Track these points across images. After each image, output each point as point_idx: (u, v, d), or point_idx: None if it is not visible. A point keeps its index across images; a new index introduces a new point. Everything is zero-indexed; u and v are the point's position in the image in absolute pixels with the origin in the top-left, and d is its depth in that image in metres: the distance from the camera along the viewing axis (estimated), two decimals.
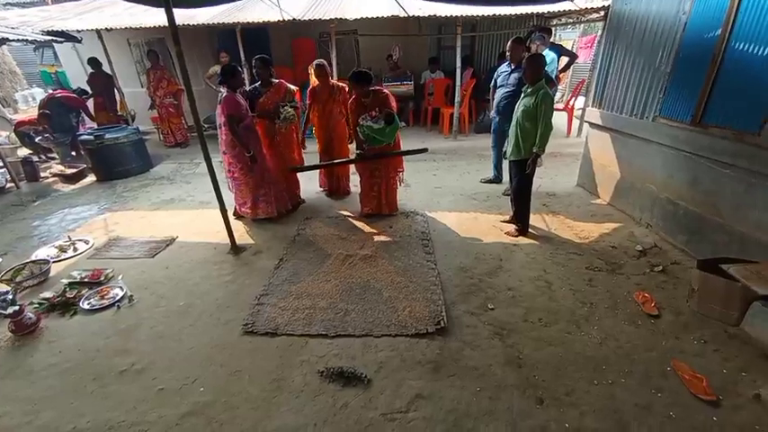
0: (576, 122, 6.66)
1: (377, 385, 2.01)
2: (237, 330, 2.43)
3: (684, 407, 1.86)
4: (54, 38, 6.01)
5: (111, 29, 6.00)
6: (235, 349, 2.28)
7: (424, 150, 3.90)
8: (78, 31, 6.19)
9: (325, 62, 4.00)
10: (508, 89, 4.02)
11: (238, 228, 3.72)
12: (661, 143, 3.28)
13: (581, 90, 6.77)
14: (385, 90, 3.64)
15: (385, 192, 3.88)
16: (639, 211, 3.65)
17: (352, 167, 4.22)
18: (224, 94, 3.40)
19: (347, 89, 4.08)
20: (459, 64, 6.12)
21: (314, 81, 4.06)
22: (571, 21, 7.81)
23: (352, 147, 4.04)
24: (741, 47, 2.55)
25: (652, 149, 3.40)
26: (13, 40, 5.32)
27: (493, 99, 4.37)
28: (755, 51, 2.45)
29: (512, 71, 4.01)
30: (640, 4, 3.51)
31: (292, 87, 3.92)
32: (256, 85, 3.83)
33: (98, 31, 6.15)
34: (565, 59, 5.93)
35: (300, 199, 4.36)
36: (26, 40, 5.47)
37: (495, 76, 4.32)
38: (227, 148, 3.56)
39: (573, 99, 6.84)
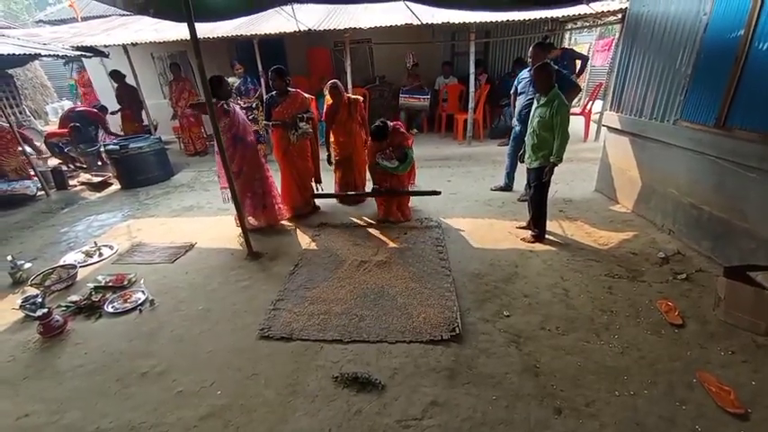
0: (593, 127, 6.55)
1: (391, 392, 2.01)
2: (254, 335, 2.47)
3: (711, 420, 1.79)
4: (83, 53, 6.31)
5: (137, 43, 6.27)
6: (251, 353, 2.32)
7: (437, 193, 3.96)
8: (106, 46, 6.48)
9: (339, 82, 4.10)
10: (529, 96, 3.90)
11: (254, 234, 3.78)
12: (683, 147, 3.19)
13: (598, 94, 6.66)
14: (402, 129, 3.86)
15: (397, 199, 3.92)
16: (661, 217, 3.54)
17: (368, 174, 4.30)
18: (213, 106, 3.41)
19: (362, 100, 4.19)
20: (472, 69, 6.12)
21: (329, 101, 4.14)
22: (587, 24, 7.72)
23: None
24: (766, 47, 2.47)
25: (673, 153, 3.32)
26: (46, 56, 5.61)
27: (514, 106, 4.32)
28: None
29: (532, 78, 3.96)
30: (658, 5, 3.46)
31: (308, 96, 4.00)
32: (273, 93, 3.91)
33: (124, 46, 6.43)
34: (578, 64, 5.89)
35: (315, 206, 4.41)
36: (57, 56, 5.76)
37: (515, 82, 4.27)
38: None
39: (590, 103, 6.74)
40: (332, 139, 4.30)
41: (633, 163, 3.87)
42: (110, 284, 3.08)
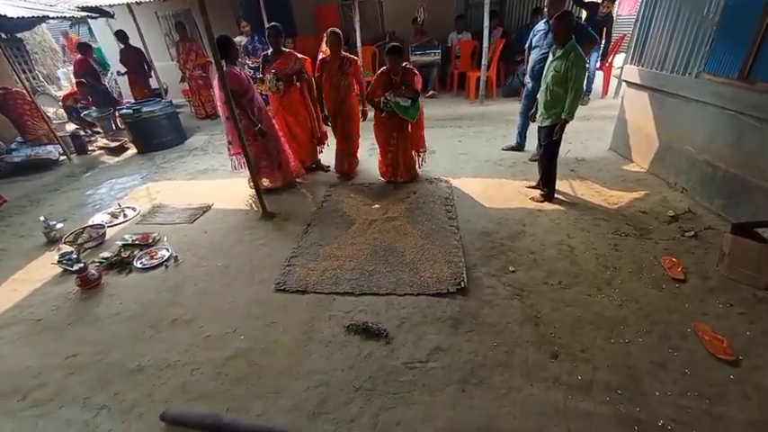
0: (613, 82, 6.25)
1: (399, 338, 2.17)
2: (271, 288, 2.64)
3: (701, 365, 1.90)
4: (89, 14, 6.22)
5: (141, 2, 6.12)
6: (269, 305, 2.50)
7: None
8: (111, 6, 6.36)
9: (340, 32, 3.81)
10: (543, 50, 3.71)
11: (268, 195, 3.89)
12: (704, 101, 3.08)
13: (620, 47, 6.29)
14: (414, 69, 3.65)
15: (403, 160, 3.93)
16: (675, 175, 3.49)
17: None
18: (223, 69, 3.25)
19: (359, 62, 3.96)
20: (486, 23, 5.82)
21: (324, 50, 3.90)
22: None
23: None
24: None
25: (693, 109, 3.20)
26: (53, 18, 5.57)
27: (527, 62, 4.13)
28: None
29: (549, 30, 3.72)
30: None
31: (300, 56, 3.94)
32: (267, 52, 3.90)
33: (128, 5, 6.30)
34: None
35: (326, 166, 4.48)
36: (64, 17, 5.71)
37: (530, 35, 4.04)
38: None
39: (611, 57, 6.38)
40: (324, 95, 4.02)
41: (650, 119, 3.75)
42: (136, 242, 3.27)
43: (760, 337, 2.02)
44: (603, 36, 5.91)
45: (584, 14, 6.42)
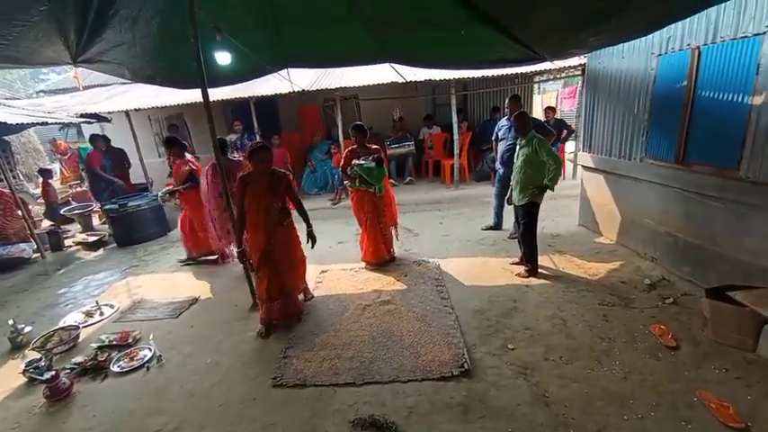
0: (569, 165, 7.02)
1: (410, 430, 2.03)
2: (266, 384, 2.48)
3: None
4: (87, 120, 6.62)
5: (139, 109, 6.63)
6: (265, 403, 2.33)
7: None
8: (109, 113, 6.82)
9: (269, 145, 3.10)
10: (509, 142, 4.33)
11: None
12: (652, 181, 3.53)
13: (566, 136, 7.26)
14: (379, 148, 3.98)
15: (370, 241, 4.04)
16: (642, 246, 3.79)
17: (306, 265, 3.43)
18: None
19: (291, 177, 3.47)
20: (455, 119, 6.64)
21: (246, 167, 3.15)
22: (552, 77, 8.57)
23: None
24: (707, 94, 2.89)
25: (644, 187, 3.65)
26: (52, 123, 5.87)
27: (496, 151, 4.71)
28: (720, 97, 2.79)
29: (511, 125, 4.34)
30: (612, 62, 3.98)
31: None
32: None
33: (127, 112, 6.78)
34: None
35: None
36: (62, 123, 6.03)
37: (496, 129, 4.69)
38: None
39: (559, 142, 7.24)
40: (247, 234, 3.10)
41: (610, 197, 4.19)
42: (114, 343, 3.05)
43: (761, 401, 2.05)
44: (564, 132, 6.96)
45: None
